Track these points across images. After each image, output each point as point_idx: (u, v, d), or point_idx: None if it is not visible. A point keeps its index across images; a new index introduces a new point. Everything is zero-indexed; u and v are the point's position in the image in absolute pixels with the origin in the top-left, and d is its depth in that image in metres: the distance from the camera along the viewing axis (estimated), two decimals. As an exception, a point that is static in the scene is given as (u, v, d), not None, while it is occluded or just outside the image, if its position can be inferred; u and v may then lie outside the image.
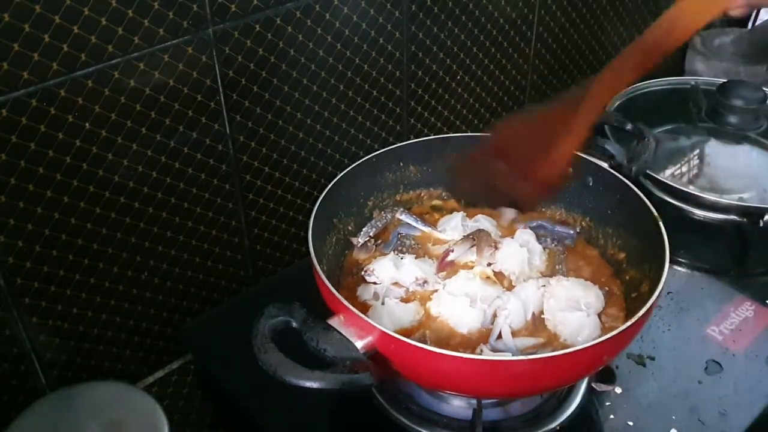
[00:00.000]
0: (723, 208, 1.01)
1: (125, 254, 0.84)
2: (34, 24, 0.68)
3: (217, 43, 0.81)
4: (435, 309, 0.79)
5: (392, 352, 0.67)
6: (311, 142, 0.97)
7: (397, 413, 0.80)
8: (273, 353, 0.64)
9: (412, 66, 1.03)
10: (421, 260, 0.85)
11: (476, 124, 1.19)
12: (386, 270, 0.82)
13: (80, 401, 0.76)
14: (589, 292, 0.80)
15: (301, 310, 0.68)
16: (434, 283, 0.83)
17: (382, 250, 0.88)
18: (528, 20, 1.16)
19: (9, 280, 0.76)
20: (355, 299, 0.82)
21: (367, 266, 0.84)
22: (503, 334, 0.76)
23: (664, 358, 0.87)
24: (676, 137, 1.17)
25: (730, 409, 0.81)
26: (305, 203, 1.00)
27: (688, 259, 1.01)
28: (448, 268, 0.84)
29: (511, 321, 0.77)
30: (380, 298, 0.80)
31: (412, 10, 0.98)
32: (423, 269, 0.83)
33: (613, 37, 1.33)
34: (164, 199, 0.85)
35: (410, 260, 0.84)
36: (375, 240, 0.90)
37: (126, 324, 0.88)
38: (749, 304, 0.94)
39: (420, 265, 0.84)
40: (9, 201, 0.73)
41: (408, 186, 0.95)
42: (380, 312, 0.78)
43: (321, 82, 0.93)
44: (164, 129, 0.81)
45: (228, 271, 0.96)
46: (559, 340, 0.77)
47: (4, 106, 0.69)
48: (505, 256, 0.84)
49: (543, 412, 0.81)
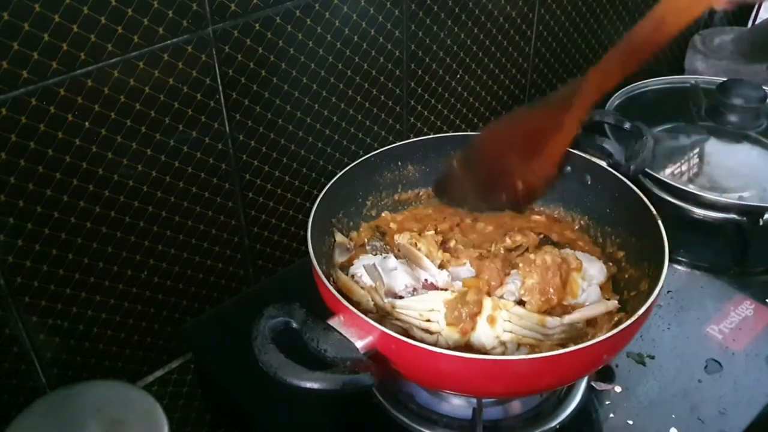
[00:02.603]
0: (723, 207, 1.01)
1: (125, 253, 0.84)
2: (34, 23, 0.67)
3: (217, 42, 0.81)
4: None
5: (392, 352, 0.67)
6: (311, 140, 0.97)
7: (397, 412, 0.80)
8: (273, 354, 0.64)
9: (412, 65, 1.03)
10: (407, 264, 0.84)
11: (476, 123, 1.19)
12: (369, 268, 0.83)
13: (80, 400, 0.76)
14: (593, 264, 0.84)
15: (300, 311, 0.68)
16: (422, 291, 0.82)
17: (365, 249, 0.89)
18: (528, 19, 1.16)
19: (9, 279, 0.76)
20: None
21: (353, 271, 0.84)
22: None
23: (664, 357, 0.87)
24: (675, 136, 1.17)
25: (729, 408, 0.81)
26: (305, 202, 1.00)
27: (687, 258, 1.01)
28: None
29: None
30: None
31: (411, 9, 0.98)
32: (413, 276, 0.82)
33: (613, 35, 1.33)
34: (164, 197, 0.85)
35: (400, 267, 0.83)
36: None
37: (126, 323, 0.88)
38: (749, 303, 0.94)
39: (409, 271, 0.83)
40: (9, 200, 0.73)
41: (407, 185, 0.95)
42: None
43: (321, 80, 0.93)
44: (164, 128, 0.81)
45: (228, 270, 0.96)
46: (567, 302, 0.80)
47: (3, 105, 0.69)
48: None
49: (543, 411, 0.81)
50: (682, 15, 0.70)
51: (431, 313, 0.76)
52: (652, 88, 1.22)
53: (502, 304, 0.76)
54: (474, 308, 0.75)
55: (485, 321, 0.75)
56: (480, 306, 0.75)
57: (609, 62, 0.73)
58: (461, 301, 0.76)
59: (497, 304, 0.76)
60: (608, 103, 1.17)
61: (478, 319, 0.75)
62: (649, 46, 0.71)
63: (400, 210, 0.95)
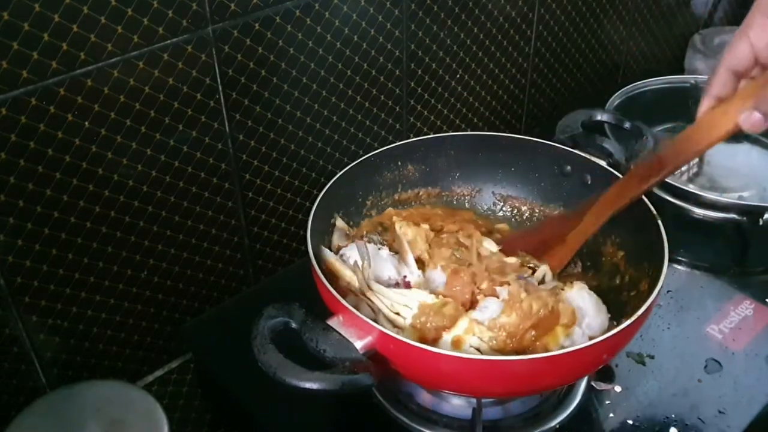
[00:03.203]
0: (722, 207, 1.01)
1: (125, 253, 0.84)
2: (34, 23, 0.67)
3: (217, 41, 0.81)
4: None
5: (391, 352, 0.67)
6: (311, 140, 0.97)
7: (396, 412, 0.80)
8: (273, 354, 0.64)
9: (412, 64, 1.03)
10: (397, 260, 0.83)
11: (476, 123, 1.19)
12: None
13: (80, 400, 0.76)
14: (597, 318, 0.77)
15: (300, 311, 0.68)
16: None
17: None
18: (528, 19, 1.16)
19: (9, 279, 0.76)
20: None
21: (344, 251, 0.82)
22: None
23: (664, 357, 0.87)
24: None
25: (729, 408, 0.81)
26: (305, 202, 1.00)
27: (687, 258, 1.01)
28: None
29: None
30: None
31: (411, 9, 0.98)
32: (398, 271, 0.81)
33: (612, 35, 1.33)
34: (164, 197, 0.85)
35: (390, 259, 0.82)
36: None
37: (126, 323, 0.88)
38: (749, 303, 0.94)
39: (396, 265, 0.82)
40: (8, 200, 0.73)
41: (407, 185, 0.95)
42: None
43: (320, 80, 0.93)
44: (164, 128, 0.81)
45: (228, 270, 0.96)
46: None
47: (3, 104, 0.69)
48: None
49: (543, 410, 0.81)
50: (709, 135, 0.74)
51: (403, 308, 0.74)
52: (652, 87, 1.22)
53: (477, 330, 0.72)
54: (445, 322, 0.72)
55: (450, 339, 0.72)
56: (453, 323, 0.73)
57: (627, 181, 0.82)
58: (435, 311, 0.73)
59: (471, 328, 0.72)
60: (608, 103, 1.17)
61: (444, 333, 0.72)
62: (674, 165, 0.79)
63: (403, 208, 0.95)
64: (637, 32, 1.38)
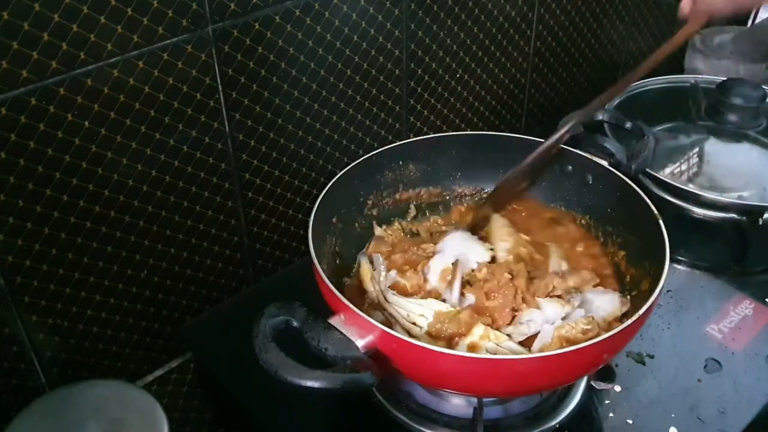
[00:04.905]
0: (722, 207, 1.01)
1: (125, 252, 0.84)
2: (34, 22, 0.67)
3: (217, 41, 0.81)
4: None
5: (393, 351, 0.67)
6: (311, 140, 0.96)
7: (397, 412, 0.80)
8: (274, 353, 0.64)
9: (412, 64, 1.03)
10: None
11: (476, 123, 1.19)
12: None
13: (80, 400, 0.76)
14: (605, 297, 0.81)
15: (301, 309, 0.68)
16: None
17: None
18: (528, 18, 1.16)
19: (8, 279, 0.76)
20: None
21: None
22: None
23: (664, 357, 0.87)
24: (675, 135, 1.17)
25: (729, 408, 0.81)
26: (305, 201, 1.00)
27: (687, 258, 1.01)
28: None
29: None
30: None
31: (411, 8, 0.98)
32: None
33: (612, 35, 1.33)
34: (163, 197, 0.85)
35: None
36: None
37: (125, 322, 0.88)
38: (749, 303, 0.94)
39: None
40: (8, 199, 0.73)
41: (407, 185, 0.95)
42: None
43: (320, 80, 0.93)
44: (163, 127, 0.81)
45: (228, 270, 0.96)
46: None
47: (3, 104, 0.69)
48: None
49: (543, 410, 0.81)
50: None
51: (419, 318, 0.76)
52: (652, 87, 1.22)
53: (494, 336, 0.74)
54: (461, 329, 0.74)
55: (465, 345, 0.74)
56: (468, 329, 0.74)
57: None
58: (451, 318, 0.75)
59: (487, 335, 0.74)
60: (608, 103, 1.17)
61: (459, 340, 0.74)
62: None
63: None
64: (637, 32, 1.38)
